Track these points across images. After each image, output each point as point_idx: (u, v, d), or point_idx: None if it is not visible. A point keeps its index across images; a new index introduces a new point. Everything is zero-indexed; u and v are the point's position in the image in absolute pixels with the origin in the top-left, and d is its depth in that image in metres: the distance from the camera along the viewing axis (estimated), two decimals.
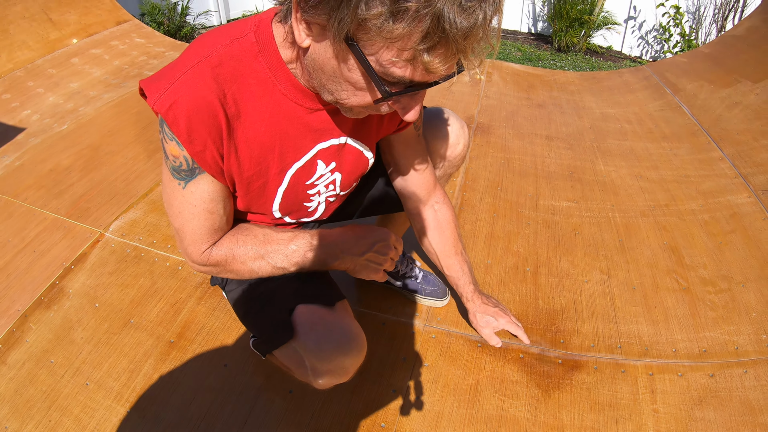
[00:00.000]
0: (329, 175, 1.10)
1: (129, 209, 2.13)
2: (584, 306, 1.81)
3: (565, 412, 1.48)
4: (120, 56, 3.49)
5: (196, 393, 1.47)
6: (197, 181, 0.94)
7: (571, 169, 2.57)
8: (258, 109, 0.92)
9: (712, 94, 3.14)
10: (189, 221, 0.99)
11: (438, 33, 0.65)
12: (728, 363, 1.61)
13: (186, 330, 1.64)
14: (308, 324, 1.06)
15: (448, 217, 1.42)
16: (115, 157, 2.47)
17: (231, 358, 1.56)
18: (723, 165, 2.52)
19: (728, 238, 2.07)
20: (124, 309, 1.70)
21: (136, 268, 1.87)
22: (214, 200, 0.98)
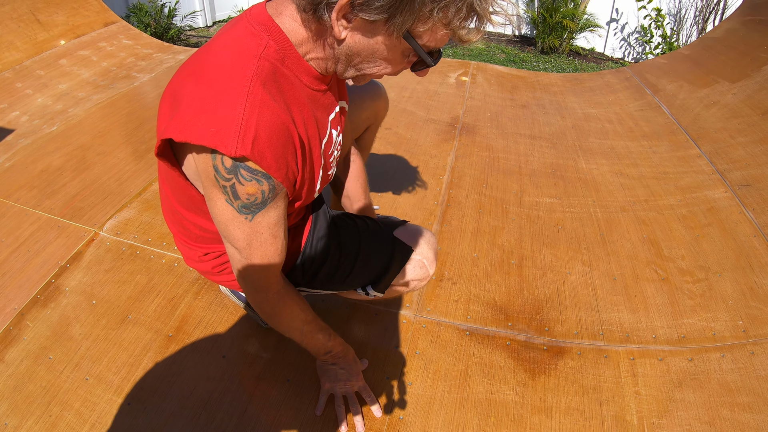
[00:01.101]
0: (339, 138, 1.21)
1: (123, 208, 2.14)
2: (567, 296, 1.88)
3: (551, 395, 1.54)
4: (108, 58, 3.48)
5: (196, 384, 1.49)
6: (267, 210, 0.98)
7: (554, 167, 2.64)
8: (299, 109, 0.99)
9: (691, 94, 3.23)
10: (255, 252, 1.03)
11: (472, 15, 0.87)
12: (706, 348, 1.67)
13: (184, 324, 1.66)
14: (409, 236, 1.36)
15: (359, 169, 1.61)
16: (106, 158, 2.46)
17: (229, 350, 1.59)
18: (701, 162, 2.61)
19: (705, 231, 2.15)
20: (121, 305, 1.72)
21: (132, 265, 1.87)
22: (279, 221, 1.03)
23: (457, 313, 1.80)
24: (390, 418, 1.47)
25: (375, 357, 1.62)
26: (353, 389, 1.44)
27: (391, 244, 1.35)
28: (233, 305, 1.74)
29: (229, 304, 1.75)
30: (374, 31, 0.91)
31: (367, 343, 1.67)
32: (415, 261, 1.36)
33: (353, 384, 1.44)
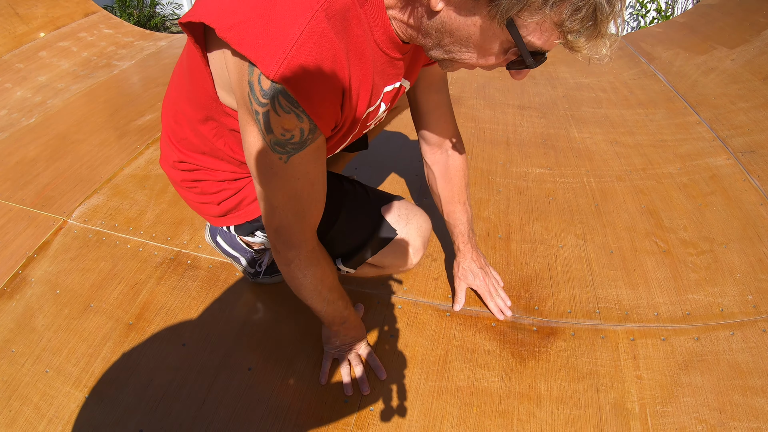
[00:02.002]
0: (383, 114, 1.10)
1: (92, 195, 2.02)
2: (559, 271, 1.68)
3: (541, 381, 1.36)
4: (88, 48, 3.37)
5: (154, 374, 1.39)
6: (305, 153, 0.88)
7: (544, 136, 2.44)
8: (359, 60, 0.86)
9: (687, 61, 3.03)
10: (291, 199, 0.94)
11: (590, 20, 0.71)
12: (714, 325, 1.50)
13: (145, 311, 1.55)
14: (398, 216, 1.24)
15: (458, 165, 1.40)
16: (81, 145, 2.35)
17: (189, 337, 1.48)
18: (700, 129, 2.41)
19: (708, 200, 1.95)
20: (84, 294, 1.62)
21: (97, 252, 1.77)
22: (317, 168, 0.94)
23: (436, 292, 1.61)
24: (359, 410, 1.30)
25: None
26: (357, 352, 1.37)
27: (374, 220, 1.23)
28: (196, 289, 1.61)
29: (191, 288, 1.61)
30: (474, 10, 0.76)
31: None
32: (397, 246, 1.24)
33: (360, 346, 1.38)
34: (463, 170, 1.41)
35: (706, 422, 1.27)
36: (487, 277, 1.52)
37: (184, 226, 1.85)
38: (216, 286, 1.62)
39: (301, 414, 1.29)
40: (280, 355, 1.42)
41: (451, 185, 1.41)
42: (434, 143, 1.39)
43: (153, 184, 2.06)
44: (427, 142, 1.39)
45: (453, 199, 1.43)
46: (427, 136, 1.38)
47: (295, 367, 1.40)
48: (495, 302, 1.51)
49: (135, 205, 1.95)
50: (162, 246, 1.77)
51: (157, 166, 2.16)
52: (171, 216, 1.89)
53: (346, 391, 1.32)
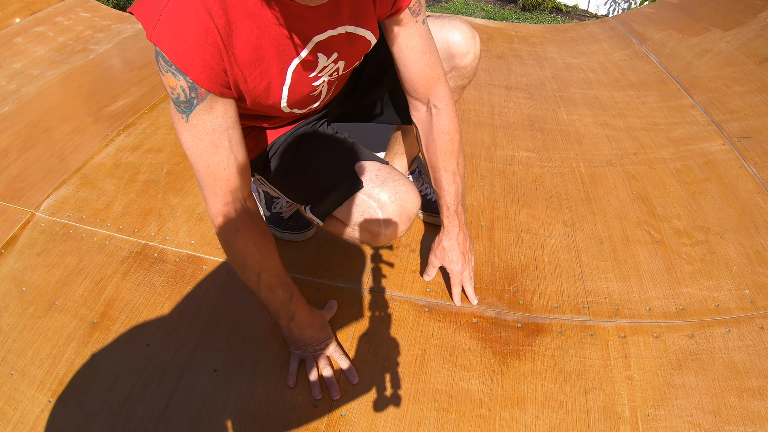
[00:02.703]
0: (332, 65, 1.06)
1: (61, 185, 1.92)
2: (546, 262, 1.57)
3: (525, 383, 1.25)
4: (64, 32, 3.24)
5: (118, 376, 1.31)
6: (198, 112, 0.91)
7: (532, 118, 2.32)
8: (247, 14, 0.87)
9: (680, 42, 2.92)
10: (199, 158, 0.97)
11: None
12: (709, 322, 1.40)
13: (109, 309, 1.47)
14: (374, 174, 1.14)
15: (443, 125, 1.24)
16: (52, 134, 2.24)
17: (154, 337, 1.39)
18: (694, 112, 2.30)
19: (703, 187, 1.85)
20: (49, 291, 1.54)
21: (63, 246, 1.67)
22: (216, 129, 0.94)
23: (414, 285, 1.50)
24: (330, 416, 1.20)
25: None
26: (325, 354, 1.29)
27: (348, 169, 1.16)
28: (161, 285, 1.52)
29: (157, 283, 1.51)
30: None
31: None
32: (366, 206, 1.13)
33: (325, 346, 1.29)
34: (448, 132, 1.25)
35: (700, 426, 1.18)
36: (466, 268, 1.39)
37: (151, 216, 1.74)
38: (182, 281, 1.52)
39: (268, 419, 1.20)
40: (246, 356, 1.32)
41: (435, 148, 1.26)
42: (415, 98, 1.25)
43: (122, 172, 1.95)
44: (409, 97, 1.26)
45: (437, 165, 1.27)
46: (408, 91, 1.25)
47: (262, 368, 1.30)
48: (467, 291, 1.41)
49: (103, 195, 1.85)
50: (128, 239, 1.67)
51: (128, 154, 2.05)
52: (139, 206, 1.79)
53: (314, 394, 1.23)
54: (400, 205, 1.13)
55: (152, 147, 2.08)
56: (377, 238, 1.16)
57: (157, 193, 1.83)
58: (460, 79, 1.36)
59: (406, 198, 1.14)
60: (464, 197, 1.35)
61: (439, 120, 1.24)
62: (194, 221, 1.70)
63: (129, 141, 2.13)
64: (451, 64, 1.32)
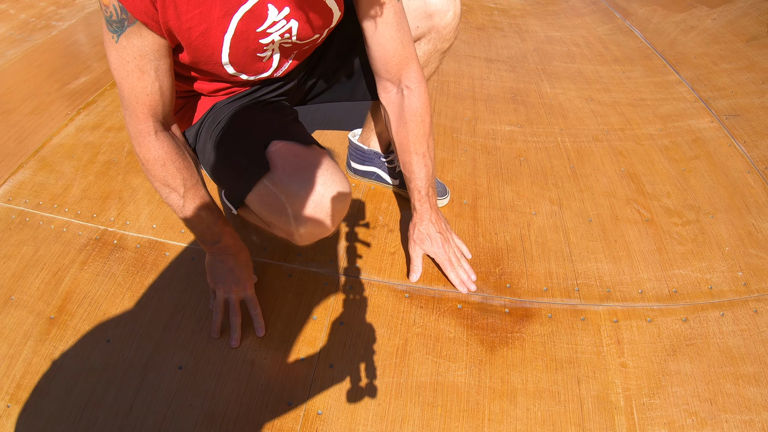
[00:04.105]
0: (284, 22, 0.95)
1: (18, 170, 1.74)
2: (533, 242, 1.47)
3: (515, 373, 1.16)
4: (26, 9, 3.02)
5: (77, 377, 1.18)
6: (128, 35, 0.86)
7: (514, 91, 2.21)
8: None
9: (665, 18, 2.84)
10: (124, 80, 0.92)
11: None
12: (702, 305, 1.33)
13: (67, 302, 1.33)
14: (286, 159, 1.00)
15: (415, 107, 1.18)
16: (10, 116, 2.04)
17: (114, 332, 1.26)
18: (681, 88, 2.23)
19: (692, 165, 1.78)
20: (5, 284, 1.39)
21: (19, 235, 1.51)
22: (145, 56, 0.89)
23: (393, 269, 1.38)
24: (305, 414, 1.10)
25: (287, 332, 1.24)
26: (237, 296, 1.20)
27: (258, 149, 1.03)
28: (121, 274, 1.38)
29: (117, 273, 1.37)
30: None
31: (278, 314, 1.27)
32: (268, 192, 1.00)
33: (239, 290, 1.20)
34: (420, 114, 1.19)
35: (696, 415, 1.11)
36: (447, 244, 1.31)
37: (111, 200, 1.59)
38: (143, 269, 1.38)
39: (239, 420, 1.09)
40: (213, 351, 1.20)
41: (406, 131, 1.20)
42: (386, 79, 1.18)
43: (81, 153, 1.79)
44: (380, 77, 1.20)
45: (407, 148, 1.22)
46: (378, 71, 1.18)
47: (231, 365, 1.18)
48: (456, 273, 1.31)
49: (61, 178, 1.68)
50: (87, 225, 1.51)
51: (87, 134, 1.88)
52: (98, 189, 1.63)
53: (213, 334, 1.21)
54: (316, 200, 0.97)
55: (113, 125, 1.92)
56: (293, 238, 1.04)
57: (118, 174, 1.68)
58: (440, 41, 1.27)
59: (324, 192, 0.98)
60: (434, 180, 1.30)
61: (411, 101, 1.18)
62: (156, 204, 1.56)
63: (89, 120, 1.96)
64: (430, 24, 1.23)
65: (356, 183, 1.64)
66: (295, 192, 0.96)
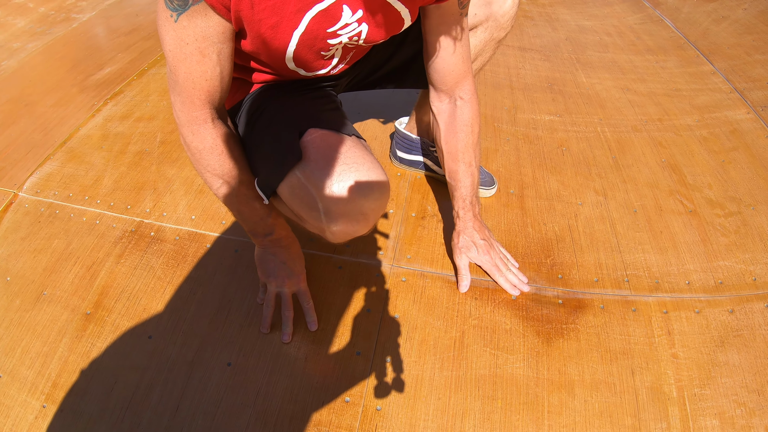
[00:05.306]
0: (355, 25, 0.92)
1: (45, 161, 1.70)
2: (581, 233, 1.45)
3: (572, 364, 1.15)
4: (46, 2, 2.97)
5: (118, 376, 1.13)
6: (191, 14, 0.81)
7: (550, 80, 2.18)
8: None
9: (696, 8, 2.79)
10: (181, 62, 0.86)
11: None
12: (747, 296, 1.31)
13: (104, 297, 1.28)
14: (320, 150, 0.93)
15: (467, 118, 1.19)
16: (34, 108, 2.00)
17: (155, 328, 1.21)
18: (716, 79, 2.18)
19: (731, 156, 1.75)
20: (36, 279, 1.34)
21: (50, 228, 1.47)
22: (208, 38, 0.84)
23: (445, 260, 1.37)
24: (364, 410, 1.07)
25: (341, 326, 1.21)
26: (290, 290, 1.18)
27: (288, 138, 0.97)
28: (161, 267, 1.33)
29: (156, 266, 1.33)
30: None
31: (330, 307, 1.24)
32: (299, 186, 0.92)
33: (292, 283, 1.17)
34: (471, 126, 1.20)
35: (745, 405, 1.10)
36: (493, 250, 1.29)
37: (146, 191, 1.55)
38: (185, 262, 1.35)
39: (294, 418, 1.05)
40: (263, 347, 1.17)
41: (456, 140, 1.21)
42: (441, 90, 1.19)
43: (111, 144, 1.75)
44: (435, 87, 1.20)
45: (456, 157, 1.22)
46: (435, 81, 1.18)
47: (283, 361, 1.14)
48: (506, 277, 1.28)
49: (91, 170, 1.64)
50: (121, 216, 1.48)
51: (116, 124, 1.85)
52: (131, 180, 1.59)
53: (262, 329, 1.19)
54: (348, 196, 0.89)
55: (143, 115, 1.88)
56: (325, 234, 0.97)
57: (151, 164, 1.65)
58: (497, 29, 1.25)
59: (358, 188, 0.89)
60: (478, 189, 1.31)
61: (463, 112, 1.19)
62: (194, 194, 1.53)
63: (117, 110, 1.92)
64: (488, 11, 1.21)
65: (402, 172, 1.62)
66: (328, 186, 0.88)
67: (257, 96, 1.09)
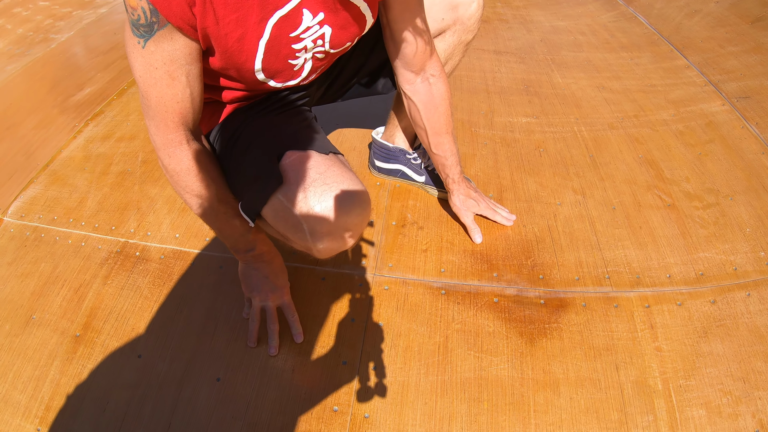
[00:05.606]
0: (317, 28, 0.95)
1: (29, 185, 1.71)
2: (561, 232, 1.48)
3: (556, 363, 1.17)
4: (23, 23, 2.99)
5: (110, 395, 1.15)
6: (157, 39, 0.83)
7: (526, 82, 2.22)
8: None
9: (668, 3, 2.86)
10: (151, 87, 0.89)
11: None
12: (728, 286, 1.35)
13: (92, 319, 1.30)
14: (299, 172, 0.96)
15: (442, 92, 1.26)
16: (15, 130, 2.01)
17: (144, 347, 1.24)
18: (690, 73, 2.24)
19: (707, 149, 1.79)
20: (25, 304, 1.36)
21: (36, 252, 1.48)
22: (176, 61, 0.86)
23: (427, 266, 1.39)
24: (352, 419, 1.09)
25: (326, 336, 1.24)
26: (275, 303, 1.20)
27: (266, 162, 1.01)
28: (147, 287, 1.35)
29: (143, 285, 1.35)
30: None
31: (315, 319, 1.27)
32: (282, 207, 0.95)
33: (276, 297, 1.20)
34: (448, 97, 1.28)
35: (731, 394, 1.13)
36: (484, 200, 1.47)
37: (129, 211, 1.57)
38: (170, 280, 1.37)
39: (284, 429, 1.08)
40: (251, 361, 1.19)
41: (438, 114, 1.27)
42: (412, 71, 1.23)
43: (94, 165, 1.76)
44: (404, 70, 1.24)
45: (441, 129, 1.30)
46: (403, 65, 1.22)
47: (271, 373, 1.16)
48: (501, 215, 1.48)
49: (75, 192, 1.66)
50: (106, 238, 1.50)
51: (98, 145, 1.86)
52: (115, 201, 1.61)
53: (249, 343, 1.20)
54: (331, 215, 0.92)
55: (124, 135, 1.90)
56: (311, 252, 0.99)
57: (134, 184, 1.67)
58: (464, 32, 1.32)
59: (339, 206, 0.92)
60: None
61: (438, 87, 1.25)
62: (177, 212, 1.55)
63: (98, 131, 1.94)
64: (455, 15, 1.28)
65: (381, 181, 1.65)
66: (310, 207, 0.91)
67: (233, 119, 1.12)
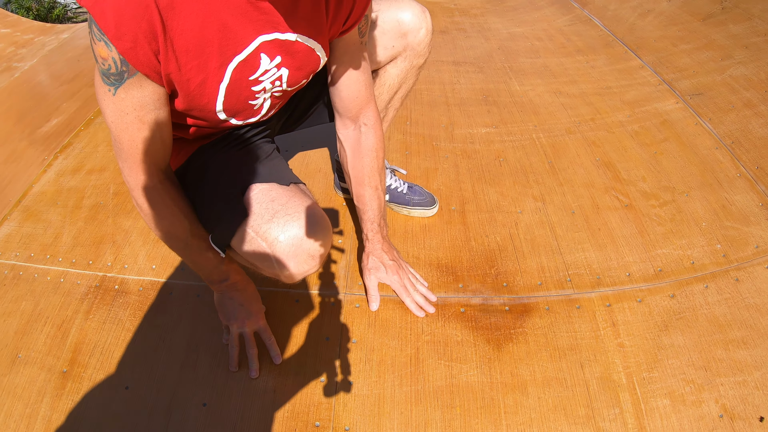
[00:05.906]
0: (275, 70, 1.01)
1: (3, 222, 1.74)
2: (523, 240, 1.56)
3: (522, 366, 1.24)
4: None
5: (101, 426, 1.19)
6: (127, 87, 0.87)
7: (485, 92, 2.30)
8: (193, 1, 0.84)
9: (622, 4, 2.96)
10: (123, 132, 0.93)
11: None
12: (687, 280, 1.43)
13: (78, 354, 1.34)
14: (263, 204, 1.03)
15: (371, 143, 1.27)
16: None
17: (131, 378, 1.28)
18: (644, 73, 2.34)
19: (662, 147, 1.88)
20: (9, 343, 1.38)
21: (16, 290, 1.51)
22: (145, 106, 0.91)
23: None
24: None
25: (303, 356, 1.29)
26: (251, 329, 1.26)
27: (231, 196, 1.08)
28: (129, 319, 1.39)
29: (124, 318, 1.39)
30: None
31: (291, 340, 1.32)
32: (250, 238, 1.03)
33: (252, 323, 1.26)
34: (375, 150, 1.28)
35: (693, 382, 1.21)
36: (402, 271, 1.39)
37: (105, 244, 1.60)
38: (150, 311, 1.41)
39: None
40: (234, 385, 1.24)
41: (361, 165, 1.29)
42: (347, 117, 1.27)
43: (66, 200, 1.79)
44: (341, 115, 1.28)
45: (362, 181, 1.30)
46: (340, 109, 1.26)
47: (254, 395, 1.22)
48: (412, 298, 1.37)
49: (49, 227, 1.68)
50: (84, 273, 1.53)
51: (69, 178, 1.88)
52: (89, 235, 1.64)
53: (231, 367, 1.25)
54: (296, 243, 1.00)
55: (94, 167, 1.93)
56: (280, 279, 1.06)
57: (107, 217, 1.70)
58: (416, 57, 1.36)
59: (303, 234, 1.00)
60: (385, 211, 1.39)
61: (367, 138, 1.27)
62: (152, 244, 1.59)
63: (68, 163, 1.96)
64: (405, 42, 1.32)
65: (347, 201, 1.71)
66: (275, 237, 0.99)
67: (199, 155, 1.17)
